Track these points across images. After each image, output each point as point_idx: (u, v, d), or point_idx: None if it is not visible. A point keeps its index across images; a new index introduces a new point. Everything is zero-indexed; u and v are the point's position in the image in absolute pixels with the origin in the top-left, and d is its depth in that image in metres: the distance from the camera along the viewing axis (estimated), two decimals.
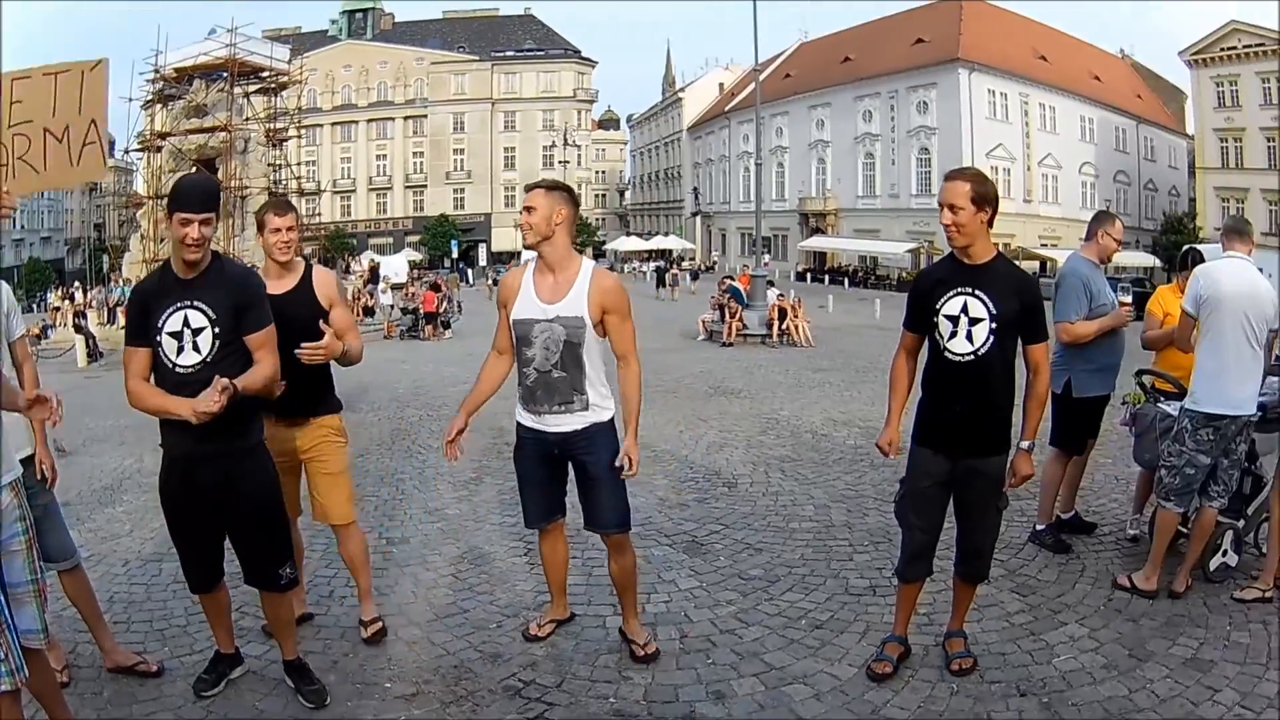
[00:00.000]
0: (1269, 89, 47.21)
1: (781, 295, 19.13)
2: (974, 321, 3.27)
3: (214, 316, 2.98)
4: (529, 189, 3.50)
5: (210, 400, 2.76)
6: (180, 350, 2.97)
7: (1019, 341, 3.37)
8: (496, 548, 4.97)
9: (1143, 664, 3.69)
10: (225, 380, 2.80)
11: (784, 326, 17.92)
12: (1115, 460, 6.92)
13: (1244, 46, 47.59)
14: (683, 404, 10.01)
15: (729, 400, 10.43)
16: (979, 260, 3.33)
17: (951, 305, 3.30)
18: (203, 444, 2.95)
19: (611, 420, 3.51)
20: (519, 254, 53.96)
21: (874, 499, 5.95)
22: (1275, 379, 4.85)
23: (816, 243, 56.22)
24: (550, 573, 3.81)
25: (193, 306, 2.97)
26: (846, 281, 48.84)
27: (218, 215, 3.07)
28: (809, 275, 53.02)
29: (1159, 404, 4.90)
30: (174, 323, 2.96)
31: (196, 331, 2.97)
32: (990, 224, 3.32)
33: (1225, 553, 4.64)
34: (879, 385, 11.02)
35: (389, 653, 3.69)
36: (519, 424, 3.56)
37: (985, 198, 3.26)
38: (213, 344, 2.98)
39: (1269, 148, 47.77)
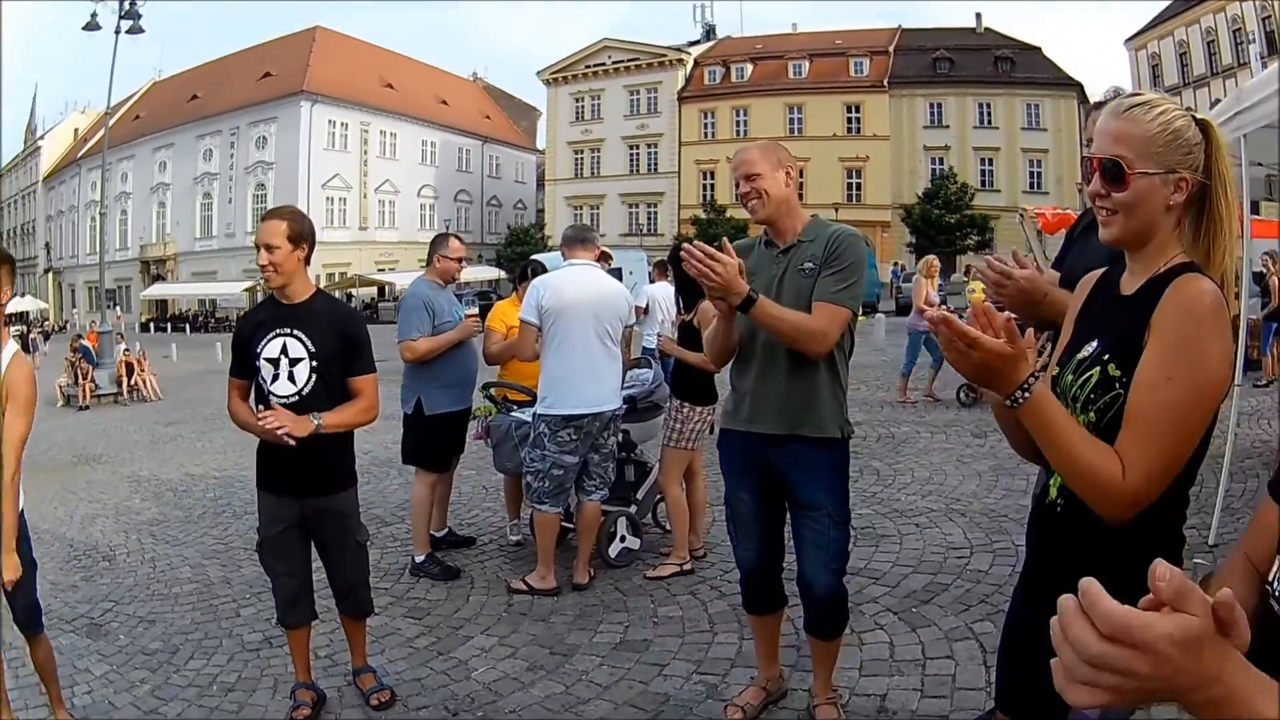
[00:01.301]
0: (636, 100, 53.35)
1: (127, 350, 18.94)
2: (294, 362, 3.19)
3: None
4: None
5: None
6: None
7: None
8: None
9: (569, 658, 3.76)
10: None
11: (133, 382, 17.90)
12: (479, 470, 7.17)
13: (613, 63, 53.41)
14: (51, 477, 9.65)
15: (93, 467, 10.27)
16: (297, 299, 3.25)
17: (271, 348, 3.21)
18: None
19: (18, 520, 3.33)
20: None
21: (244, 550, 5.84)
22: (644, 371, 5.18)
23: (157, 290, 53.69)
24: None
25: None
26: (188, 327, 47.98)
27: None
28: (153, 325, 50.18)
29: (512, 413, 4.98)
30: None
31: None
32: (307, 261, 3.27)
33: (623, 538, 4.84)
34: (228, 432, 11.40)
35: None
36: None
37: (302, 235, 3.21)
38: None
39: (630, 155, 53.43)
